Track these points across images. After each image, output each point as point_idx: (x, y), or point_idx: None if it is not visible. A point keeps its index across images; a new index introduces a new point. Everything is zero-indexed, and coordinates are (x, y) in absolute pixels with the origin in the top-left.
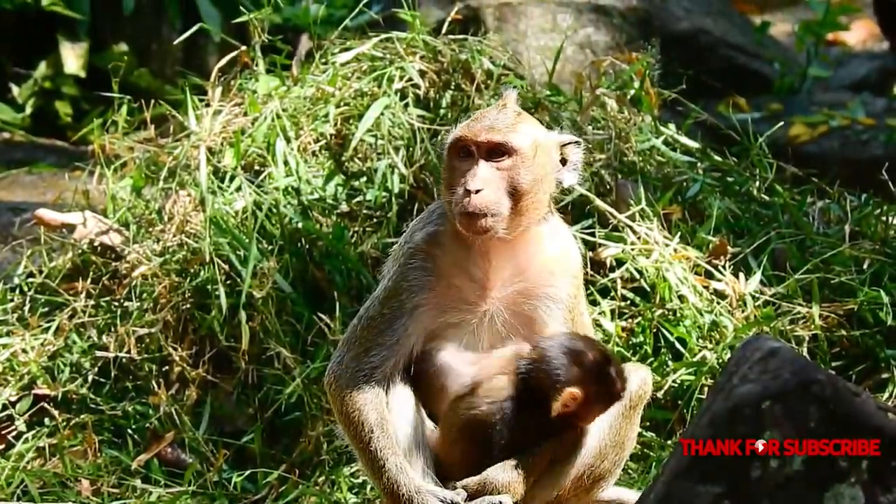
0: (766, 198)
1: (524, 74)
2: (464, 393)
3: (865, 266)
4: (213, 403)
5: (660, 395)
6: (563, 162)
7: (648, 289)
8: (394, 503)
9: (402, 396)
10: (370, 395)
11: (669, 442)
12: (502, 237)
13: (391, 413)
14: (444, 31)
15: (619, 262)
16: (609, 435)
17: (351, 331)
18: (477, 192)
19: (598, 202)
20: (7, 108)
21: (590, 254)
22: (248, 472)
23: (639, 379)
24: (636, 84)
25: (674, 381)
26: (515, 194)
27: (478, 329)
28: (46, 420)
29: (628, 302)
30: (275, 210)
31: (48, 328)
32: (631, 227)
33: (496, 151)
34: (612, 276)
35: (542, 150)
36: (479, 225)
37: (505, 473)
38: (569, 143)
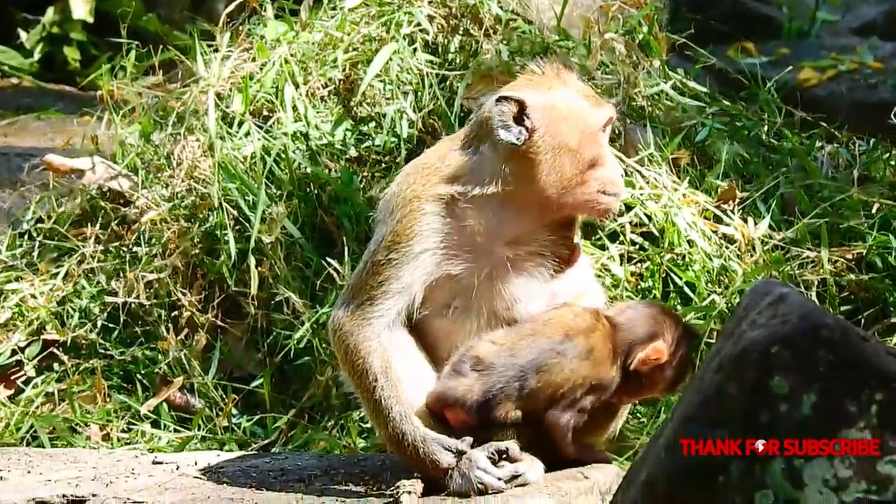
0: (775, 142)
1: (532, 19)
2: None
3: (874, 210)
4: (222, 349)
5: None
6: None
7: (657, 233)
8: (399, 451)
9: (408, 343)
10: (374, 343)
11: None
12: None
13: (397, 360)
14: None
15: (628, 207)
16: None
17: (356, 276)
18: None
19: None
20: (15, 54)
21: None
22: (257, 417)
23: None
24: (644, 29)
25: None
26: None
27: (477, 282)
28: (55, 365)
29: (637, 247)
30: (283, 155)
31: (57, 274)
32: (640, 172)
33: None
34: (620, 220)
35: None
36: None
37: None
38: None
